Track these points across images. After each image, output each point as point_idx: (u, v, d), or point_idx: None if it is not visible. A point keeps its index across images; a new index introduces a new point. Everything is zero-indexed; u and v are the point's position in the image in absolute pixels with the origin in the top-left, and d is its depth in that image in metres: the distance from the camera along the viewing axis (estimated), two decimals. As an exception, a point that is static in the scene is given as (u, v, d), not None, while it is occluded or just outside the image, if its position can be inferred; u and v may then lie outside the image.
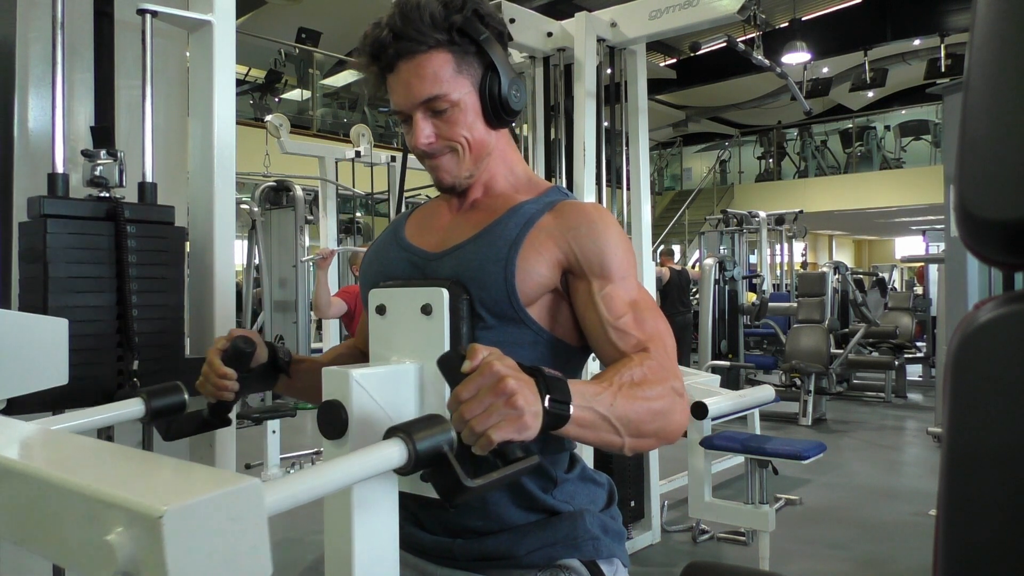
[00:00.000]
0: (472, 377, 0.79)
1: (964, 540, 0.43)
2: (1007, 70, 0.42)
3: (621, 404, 0.90)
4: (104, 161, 1.61)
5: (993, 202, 0.41)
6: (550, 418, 0.81)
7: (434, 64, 1.03)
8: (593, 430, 0.88)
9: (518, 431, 0.78)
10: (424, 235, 1.15)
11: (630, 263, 1.08)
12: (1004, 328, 0.42)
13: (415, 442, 0.75)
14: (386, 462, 0.74)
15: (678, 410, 0.97)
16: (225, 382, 1.11)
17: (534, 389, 0.80)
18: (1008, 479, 0.41)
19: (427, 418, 0.79)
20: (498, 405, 0.77)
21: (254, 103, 11.23)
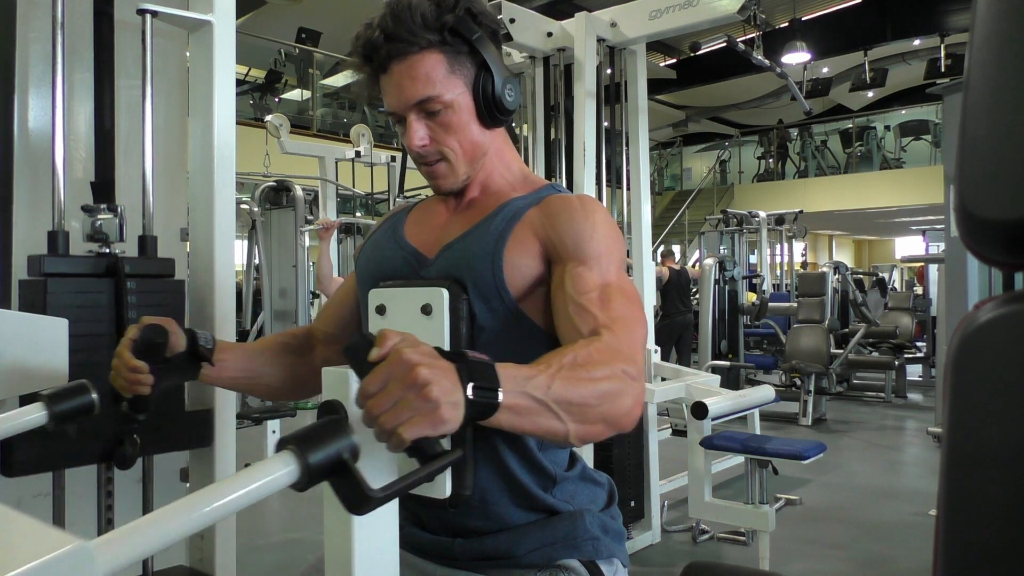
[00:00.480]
0: (380, 368, 0.71)
1: (964, 540, 0.43)
2: (1007, 70, 0.42)
3: (560, 387, 0.81)
4: (104, 216, 1.61)
5: (993, 202, 0.41)
6: (475, 408, 0.73)
7: (426, 65, 1.03)
8: (530, 417, 0.79)
9: (433, 426, 0.70)
10: (421, 234, 1.15)
11: (610, 249, 1.03)
12: (1004, 328, 0.42)
13: (307, 455, 0.68)
14: (272, 483, 0.67)
15: (628, 393, 0.87)
16: (137, 375, 1.06)
17: (453, 377, 0.72)
18: (1008, 479, 0.41)
19: (324, 424, 0.72)
20: (409, 398, 0.70)
21: (254, 103, 11.24)
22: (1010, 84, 0.42)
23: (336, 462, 0.70)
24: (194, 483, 1.82)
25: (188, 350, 1.12)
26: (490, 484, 1.04)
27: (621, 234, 1.08)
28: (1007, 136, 0.41)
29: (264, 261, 4.89)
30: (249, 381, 1.24)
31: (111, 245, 1.62)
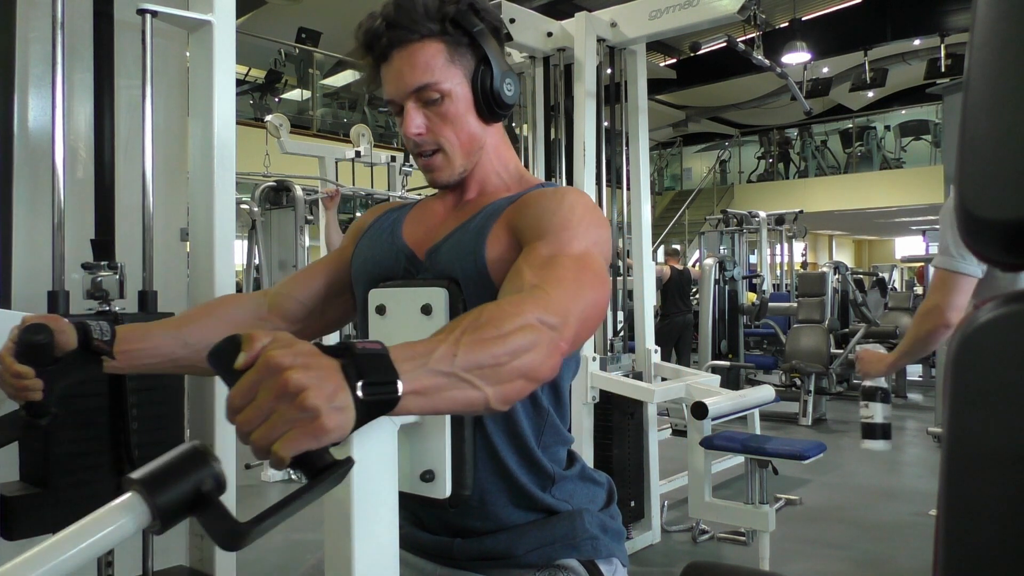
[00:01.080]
0: (247, 376, 0.61)
1: (964, 540, 0.43)
2: (1007, 70, 0.42)
3: (466, 352, 0.72)
4: (105, 274, 1.61)
5: (993, 202, 0.41)
6: (371, 407, 0.64)
7: (427, 53, 1.04)
8: (440, 394, 0.70)
9: (315, 438, 0.60)
10: (417, 233, 1.15)
11: (575, 224, 0.98)
12: (1004, 328, 0.42)
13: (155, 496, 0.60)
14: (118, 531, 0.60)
15: (542, 343, 0.79)
16: (23, 382, 0.97)
17: (335, 378, 0.62)
18: (1008, 479, 0.41)
19: (178, 455, 0.62)
20: (282, 409, 0.60)
21: (254, 103, 11.24)
22: (1010, 84, 0.42)
23: (194, 498, 0.61)
24: None
25: (80, 346, 1.01)
26: (489, 484, 1.04)
27: (600, 217, 1.03)
28: (1007, 136, 0.41)
29: (264, 261, 4.89)
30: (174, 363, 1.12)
31: (111, 302, 1.62)
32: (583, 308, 0.87)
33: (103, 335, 1.03)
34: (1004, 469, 0.41)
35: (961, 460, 0.43)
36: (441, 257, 1.07)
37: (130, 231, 1.79)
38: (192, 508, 0.61)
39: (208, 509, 0.61)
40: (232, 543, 0.61)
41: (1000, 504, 0.41)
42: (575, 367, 1.13)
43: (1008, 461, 0.41)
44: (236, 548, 0.62)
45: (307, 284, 1.21)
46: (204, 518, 0.61)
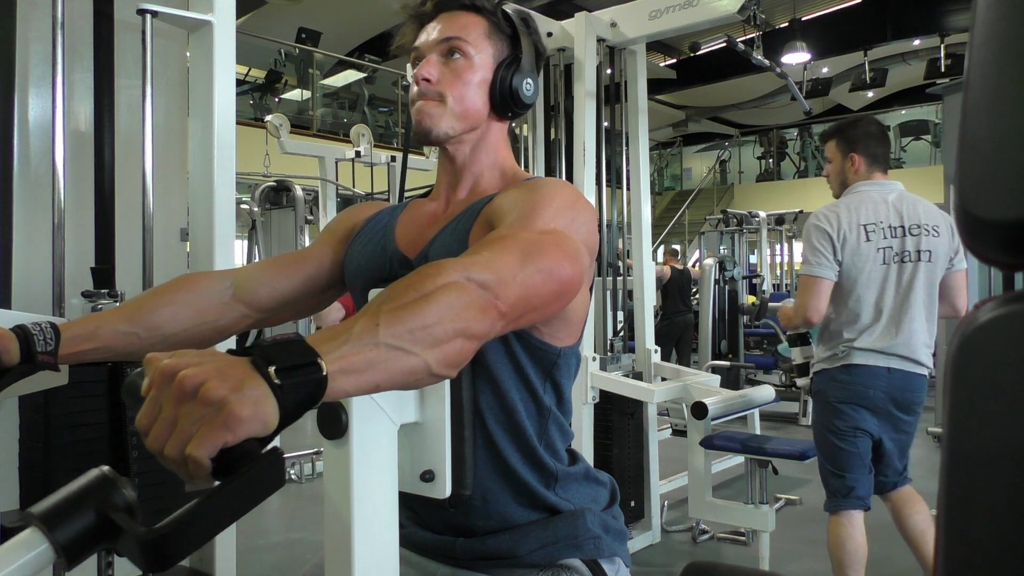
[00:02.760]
0: (149, 395, 0.59)
1: (964, 540, 0.43)
2: (1007, 70, 0.42)
3: (388, 320, 0.68)
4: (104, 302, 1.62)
5: (993, 202, 0.41)
6: (293, 392, 0.60)
7: (469, 19, 1.11)
8: (374, 368, 0.67)
9: (228, 429, 0.56)
10: (409, 234, 1.15)
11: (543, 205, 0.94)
12: (1004, 328, 0.42)
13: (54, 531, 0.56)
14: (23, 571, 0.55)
15: (476, 298, 0.74)
16: None
17: (241, 369, 0.59)
18: (1008, 479, 0.41)
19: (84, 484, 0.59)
20: (186, 411, 0.57)
21: (254, 103, 11.24)
22: (1010, 84, 0.42)
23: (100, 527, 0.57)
24: None
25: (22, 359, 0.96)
26: (492, 483, 1.04)
27: (577, 202, 0.99)
28: (1007, 136, 0.41)
29: (264, 261, 4.89)
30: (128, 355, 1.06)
31: None
32: (530, 274, 0.81)
33: (47, 345, 0.98)
34: (1004, 469, 0.41)
35: (961, 460, 0.43)
36: (431, 259, 1.06)
37: (130, 231, 1.79)
38: (101, 538, 0.57)
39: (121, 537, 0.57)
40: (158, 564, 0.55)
41: (1000, 504, 0.41)
42: (576, 366, 1.13)
43: (1008, 461, 0.41)
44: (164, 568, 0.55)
45: (285, 272, 1.17)
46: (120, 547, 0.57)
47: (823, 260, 2.33)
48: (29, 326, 0.98)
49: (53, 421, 1.47)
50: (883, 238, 2.32)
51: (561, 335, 1.06)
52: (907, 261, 2.33)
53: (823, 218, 2.37)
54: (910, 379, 2.35)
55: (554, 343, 1.05)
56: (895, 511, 2.51)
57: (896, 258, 2.33)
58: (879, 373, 2.33)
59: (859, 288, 2.34)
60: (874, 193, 2.38)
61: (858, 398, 2.35)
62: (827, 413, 2.42)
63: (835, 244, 2.33)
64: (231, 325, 1.13)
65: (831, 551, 2.41)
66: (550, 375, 1.06)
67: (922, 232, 2.33)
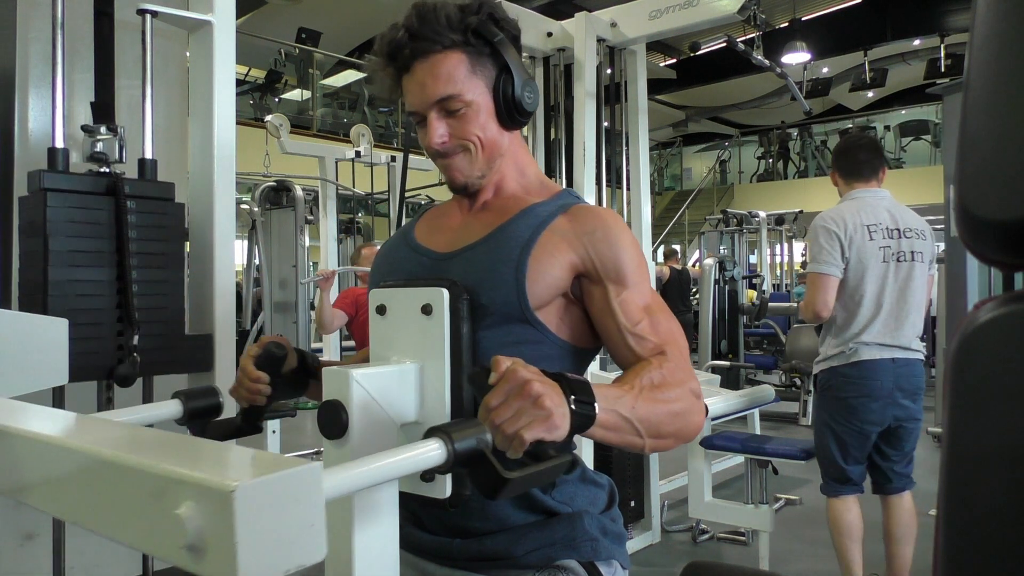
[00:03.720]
0: (499, 384, 0.81)
1: (964, 540, 0.43)
2: (1007, 70, 0.42)
3: (642, 407, 0.93)
4: (104, 136, 1.60)
5: (993, 202, 0.41)
6: (577, 419, 0.84)
7: (449, 64, 1.05)
8: (616, 432, 0.91)
9: (548, 430, 0.80)
10: (434, 236, 1.15)
11: (643, 267, 1.10)
12: (1004, 328, 0.42)
13: (454, 441, 0.77)
14: (427, 460, 0.76)
15: (695, 411, 1.00)
16: (258, 386, 1.12)
17: (559, 391, 0.83)
18: (1008, 479, 0.41)
19: (463, 420, 0.82)
20: (526, 407, 0.79)
21: (254, 103, 11.24)
22: (1010, 84, 0.42)
23: (476, 451, 0.79)
24: None
25: (299, 367, 1.19)
26: (490, 484, 1.05)
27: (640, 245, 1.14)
28: (1006, 136, 0.41)
29: (264, 261, 4.89)
30: None
31: (111, 165, 1.61)
32: (688, 356, 1.09)
33: (314, 363, 1.21)
34: (1003, 469, 0.41)
35: (961, 460, 0.43)
36: (477, 258, 1.07)
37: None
38: (471, 459, 0.78)
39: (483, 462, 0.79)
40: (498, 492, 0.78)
41: (999, 504, 0.41)
42: (582, 371, 1.14)
43: (1008, 461, 0.41)
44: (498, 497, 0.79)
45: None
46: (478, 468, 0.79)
47: (831, 259, 2.52)
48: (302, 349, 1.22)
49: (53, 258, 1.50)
50: (883, 238, 2.54)
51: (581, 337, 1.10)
52: (903, 260, 2.55)
53: (830, 220, 2.56)
54: (912, 366, 2.55)
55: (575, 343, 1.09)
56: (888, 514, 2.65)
57: (893, 257, 2.55)
58: (885, 365, 2.51)
59: (864, 284, 2.52)
60: (869, 199, 2.60)
61: (867, 391, 2.52)
62: (833, 406, 2.59)
63: (843, 244, 2.52)
64: None
65: (831, 527, 2.64)
66: None
67: (913, 235, 2.57)
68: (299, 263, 4.80)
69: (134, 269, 1.58)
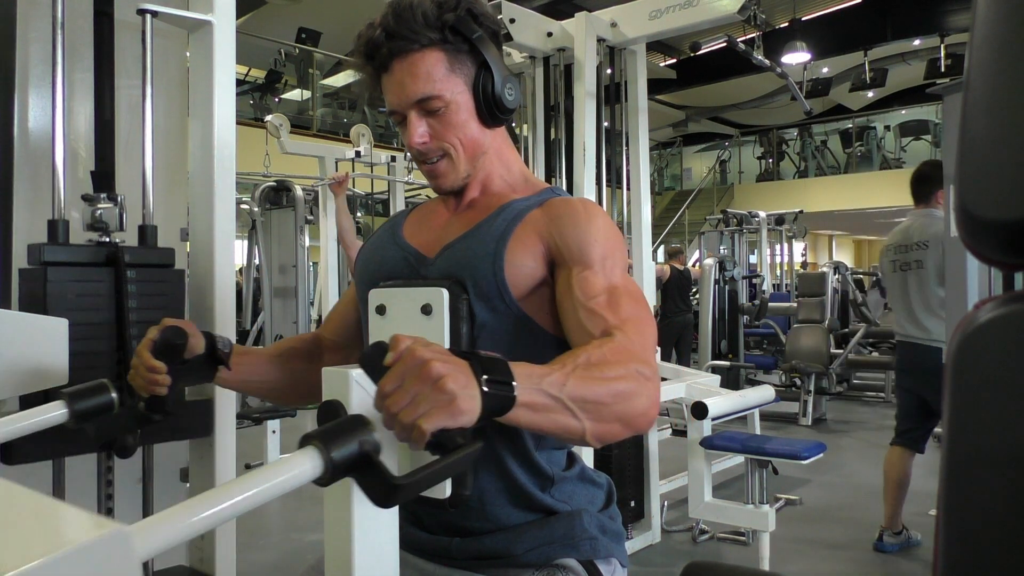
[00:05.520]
0: (395, 367, 0.73)
1: (964, 540, 0.43)
2: (1007, 70, 0.42)
3: (575, 385, 0.82)
4: (104, 205, 1.61)
5: (993, 202, 0.41)
6: (491, 401, 0.74)
7: (427, 63, 1.04)
8: (546, 414, 0.80)
9: (452, 417, 0.71)
10: (421, 234, 1.15)
11: (613, 252, 1.04)
12: (1004, 328, 0.42)
13: (330, 450, 0.69)
14: (294, 479, 0.68)
15: (644, 394, 0.88)
16: (155, 376, 1.07)
17: (467, 371, 0.73)
18: (1008, 479, 0.41)
19: (345, 420, 0.74)
20: (426, 392, 0.71)
21: (254, 103, 11.24)
22: (1010, 84, 0.42)
23: (359, 456, 0.71)
24: (194, 475, 1.81)
25: (207, 353, 1.13)
26: (488, 485, 1.04)
27: (622, 236, 1.10)
28: (1006, 136, 0.41)
29: (264, 261, 4.89)
30: (259, 385, 1.25)
31: (111, 234, 1.62)
32: (653, 345, 0.99)
33: (224, 347, 1.14)
34: (1003, 469, 0.41)
35: (961, 460, 0.43)
36: (455, 255, 1.07)
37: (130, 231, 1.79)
38: (355, 466, 0.71)
39: (369, 468, 0.71)
40: (389, 500, 0.71)
41: (999, 504, 0.41)
42: None
43: (1007, 461, 0.41)
44: (391, 504, 0.72)
45: (341, 319, 1.29)
46: (364, 475, 0.72)
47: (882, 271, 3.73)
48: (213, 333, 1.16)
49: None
50: (894, 253, 3.48)
51: None
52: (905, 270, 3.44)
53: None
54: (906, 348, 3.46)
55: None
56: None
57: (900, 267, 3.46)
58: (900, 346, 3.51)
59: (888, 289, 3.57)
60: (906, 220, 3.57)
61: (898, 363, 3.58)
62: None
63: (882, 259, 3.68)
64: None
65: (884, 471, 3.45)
66: None
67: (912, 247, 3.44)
68: (299, 263, 4.80)
69: (134, 339, 1.57)
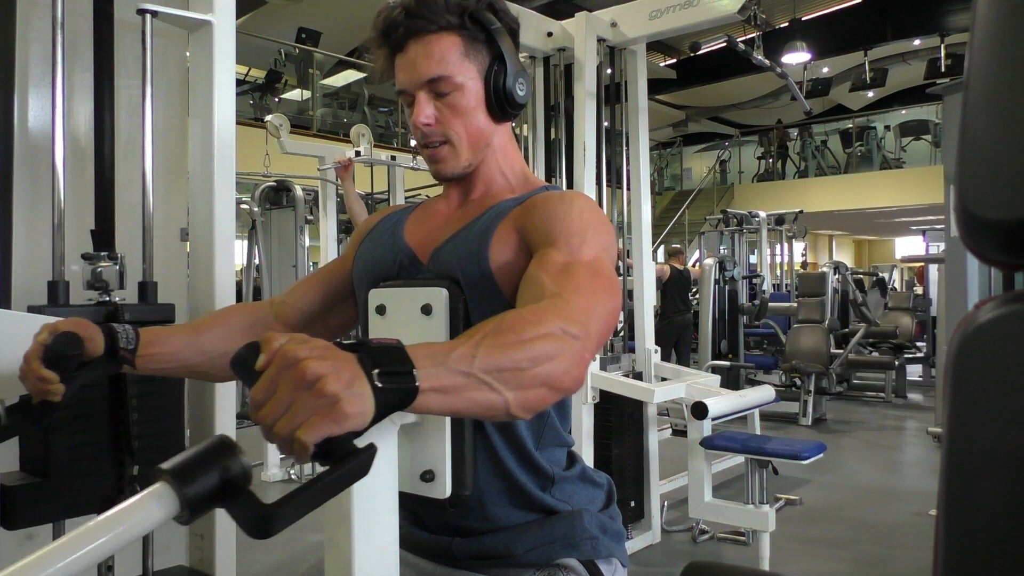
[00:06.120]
0: (267, 372, 0.63)
1: (964, 540, 0.43)
2: (1007, 70, 0.42)
3: (486, 355, 0.72)
4: (104, 265, 1.61)
5: (993, 202, 0.41)
6: (388, 395, 0.65)
7: (443, 45, 1.05)
8: (460, 394, 0.71)
9: (336, 423, 0.61)
10: (420, 233, 1.15)
11: (584, 230, 0.98)
12: (1004, 328, 0.42)
13: (183, 485, 0.60)
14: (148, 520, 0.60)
15: (566, 352, 0.79)
16: (46, 386, 0.99)
17: (352, 367, 0.64)
18: (1008, 479, 0.41)
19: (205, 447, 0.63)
20: (302, 398, 0.61)
21: (254, 103, 11.23)
22: (1010, 84, 0.42)
23: (221, 487, 0.61)
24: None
25: (106, 354, 1.03)
26: (488, 485, 1.04)
27: (606, 222, 1.04)
28: (1007, 136, 0.41)
29: (264, 261, 4.89)
30: (188, 369, 1.15)
31: (111, 293, 1.62)
32: (601, 317, 0.87)
33: (128, 343, 1.05)
34: (1003, 469, 0.41)
35: (961, 460, 0.43)
36: (444, 257, 1.07)
37: (130, 231, 1.79)
38: (220, 498, 0.62)
39: (237, 498, 0.62)
40: (266, 530, 0.61)
41: (999, 504, 0.41)
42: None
43: (1008, 461, 0.41)
44: (269, 535, 0.61)
45: (306, 293, 1.23)
46: (233, 507, 0.62)
47: None
48: (114, 325, 1.05)
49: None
50: None
51: None
52: None
53: None
54: None
55: None
56: None
57: None
58: None
59: None
60: None
61: None
62: None
63: None
64: None
65: None
66: None
67: None
68: (299, 263, 4.80)
69: (134, 397, 1.56)
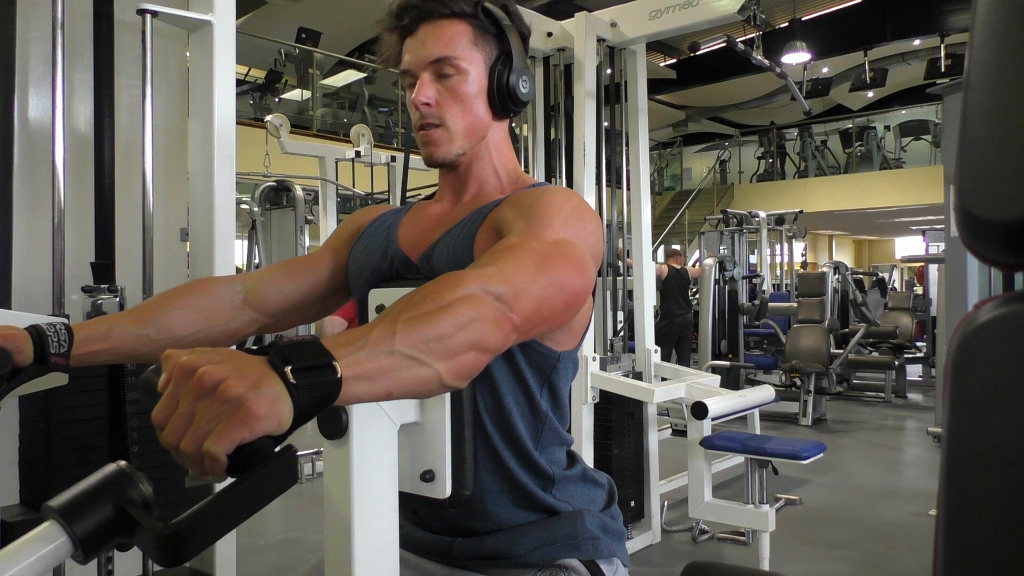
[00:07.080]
0: (168, 390, 0.59)
1: (964, 540, 0.43)
2: (1007, 70, 0.42)
3: (406, 329, 0.68)
4: (104, 297, 1.61)
5: (993, 202, 0.41)
6: (308, 392, 0.60)
7: (453, 29, 1.07)
8: (388, 375, 0.67)
9: (245, 426, 0.56)
10: (413, 236, 1.14)
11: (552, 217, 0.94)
12: (1004, 328, 0.42)
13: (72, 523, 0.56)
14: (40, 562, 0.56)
15: (491, 311, 0.74)
16: None
17: (258, 368, 0.59)
18: (1008, 479, 0.41)
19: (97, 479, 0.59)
20: (204, 407, 0.57)
21: (254, 103, 11.23)
22: (1010, 84, 0.42)
23: (117, 519, 0.57)
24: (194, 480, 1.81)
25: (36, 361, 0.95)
26: (489, 485, 1.04)
27: (586, 213, 0.99)
28: (1007, 136, 0.41)
29: (264, 261, 4.89)
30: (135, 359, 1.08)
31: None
32: (544, 286, 0.82)
33: (60, 346, 0.97)
34: (1003, 469, 0.41)
35: (961, 460, 0.43)
36: (434, 262, 1.06)
37: (130, 231, 1.79)
38: (118, 532, 0.57)
39: (138, 531, 0.57)
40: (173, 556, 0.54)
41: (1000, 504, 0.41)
42: (574, 368, 1.13)
43: (1007, 461, 0.41)
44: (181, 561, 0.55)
45: (292, 276, 1.18)
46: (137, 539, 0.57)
47: None
48: (44, 326, 0.97)
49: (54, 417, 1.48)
50: None
51: (562, 340, 1.06)
52: None
53: None
54: None
55: (554, 347, 1.05)
56: None
57: None
58: None
59: None
60: None
61: None
62: None
63: None
64: (241, 329, 1.13)
65: None
66: (548, 379, 1.06)
67: None
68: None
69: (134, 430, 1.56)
